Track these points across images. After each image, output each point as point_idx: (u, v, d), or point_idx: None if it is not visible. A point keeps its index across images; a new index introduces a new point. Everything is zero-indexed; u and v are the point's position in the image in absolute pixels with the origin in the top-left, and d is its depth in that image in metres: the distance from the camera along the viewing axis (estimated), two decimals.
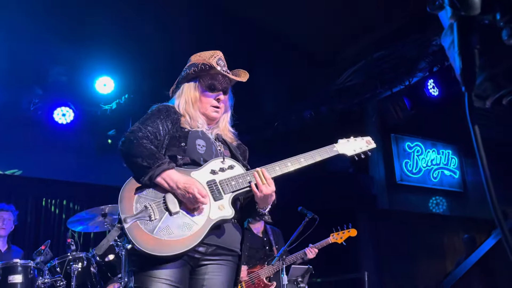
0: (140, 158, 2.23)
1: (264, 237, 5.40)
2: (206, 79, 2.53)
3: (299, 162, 2.47)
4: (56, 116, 6.94)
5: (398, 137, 11.00)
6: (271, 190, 2.35)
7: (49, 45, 5.94)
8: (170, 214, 2.21)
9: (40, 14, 5.50)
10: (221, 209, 2.28)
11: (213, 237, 2.29)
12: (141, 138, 2.29)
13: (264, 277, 5.03)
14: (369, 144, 2.73)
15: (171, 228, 2.18)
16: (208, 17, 6.01)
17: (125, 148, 2.30)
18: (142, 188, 2.26)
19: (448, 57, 0.97)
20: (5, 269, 4.34)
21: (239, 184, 2.34)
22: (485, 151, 0.84)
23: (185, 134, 2.41)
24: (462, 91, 0.88)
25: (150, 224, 2.17)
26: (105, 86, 6.85)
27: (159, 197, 2.25)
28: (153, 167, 2.20)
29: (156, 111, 2.48)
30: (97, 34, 5.91)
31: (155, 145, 2.34)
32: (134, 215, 2.18)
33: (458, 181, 11.71)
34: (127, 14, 5.80)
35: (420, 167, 11.11)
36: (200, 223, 2.23)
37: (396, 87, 7.64)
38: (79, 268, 4.48)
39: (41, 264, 4.54)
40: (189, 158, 2.37)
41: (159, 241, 2.15)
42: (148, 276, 2.17)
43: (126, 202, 2.22)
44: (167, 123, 2.42)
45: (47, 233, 7.17)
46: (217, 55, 2.53)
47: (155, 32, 5.94)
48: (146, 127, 2.35)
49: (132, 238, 2.14)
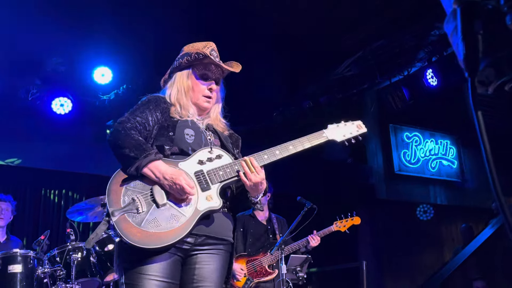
0: (128, 149, 2.21)
1: (268, 225, 5.38)
2: (199, 68, 2.52)
3: (288, 149, 2.44)
4: (54, 106, 6.93)
5: (397, 127, 11.01)
6: (260, 178, 2.33)
7: (47, 35, 5.91)
8: (157, 206, 2.20)
9: (38, 4, 5.47)
10: (209, 200, 2.27)
11: (202, 227, 2.28)
12: (129, 129, 2.27)
13: (267, 265, 5.03)
14: (359, 129, 2.66)
15: (158, 220, 2.17)
16: (205, 7, 5.98)
17: (113, 138, 2.28)
18: (130, 180, 2.25)
19: (451, 43, 0.96)
20: (5, 259, 4.34)
21: (226, 174, 2.33)
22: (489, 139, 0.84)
23: (174, 123, 2.39)
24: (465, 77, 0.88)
25: (137, 216, 2.16)
26: (103, 77, 6.83)
27: (146, 189, 2.24)
28: (140, 158, 2.19)
29: (146, 102, 2.47)
30: (95, 24, 5.88)
31: (144, 136, 2.33)
32: (121, 208, 2.16)
33: (456, 171, 11.74)
34: (125, 4, 5.77)
35: (418, 157, 11.13)
36: (188, 215, 2.22)
37: (394, 77, 7.64)
38: (78, 258, 4.49)
39: (41, 254, 4.55)
40: (177, 147, 2.36)
41: (146, 234, 2.13)
42: (138, 273, 2.16)
43: (113, 195, 2.21)
44: (157, 113, 2.41)
45: (46, 223, 7.18)
46: (210, 46, 2.52)
47: (154, 23, 5.92)
48: (135, 118, 2.34)
49: (120, 231, 2.12)
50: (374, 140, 10.60)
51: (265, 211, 5.47)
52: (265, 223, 5.40)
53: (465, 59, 0.83)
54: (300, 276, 4.85)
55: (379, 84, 7.88)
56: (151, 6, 5.86)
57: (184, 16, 5.93)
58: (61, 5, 5.67)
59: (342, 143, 2.61)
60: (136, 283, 2.16)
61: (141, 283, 2.15)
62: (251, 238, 5.27)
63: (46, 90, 6.88)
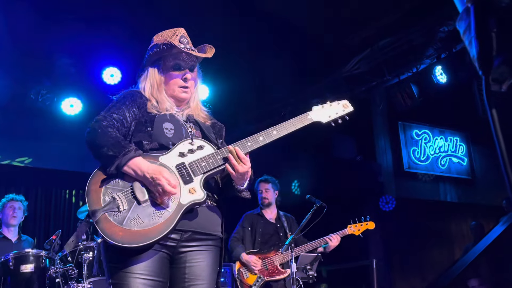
0: (106, 147, 2.14)
1: (278, 223, 5.36)
2: (169, 59, 2.42)
3: (271, 135, 2.34)
4: (64, 107, 6.98)
5: (406, 124, 10.96)
6: (247, 168, 2.26)
7: (57, 37, 5.95)
8: (138, 203, 2.13)
9: (47, 6, 5.51)
10: (192, 193, 2.19)
11: (188, 223, 2.21)
12: (106, 127, 2.20)
13: (278, 263, 5.01)
14: (345, 108, 2.55)
15: (141, 218, 2.10)
16: (214, 8, 5.99)
17: (91, 138, 2.20)
18: (109, 179, 2.18)
19: (463, 40, 0.96)
20: (17, 258, 4.39)
21: (209, 164, 2.25)
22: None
23: (151, 118, 2.31)
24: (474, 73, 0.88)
25: (119, 215, 2.09)
26: (113, 77, 6.87)
27: (126, 186, 2.17)
28: (119, 156, 2.12)
29: (122, 98, 2.39)
30: (104, 25, 5.91)
31: (123, 133, 2.26)
32: (102, 208, 2.10)
33: (466, 168, 11.67)
34: (134, 5, 5.79)
35: (428, 154, 11.08)
36: (171, 209, 2.15)
37: (403, 74, 7.59)
38: (90, 257, 4.52)
39: (52, 253, 4.58)
40: (156, 143, 2.28)
41: (129, 232, 2.07)
42: (124, 272, 2.11)
43: (93, 194, 2.15)
44: (133, 109, 2.33)
45: (57, 223, 7.24)
46: (179, 33, 2.42)
47: (162, 23, 5.92)
48: (112, 115, 2.27)
49: (102, 231, 2.07)
50: (383, 137, 10.56)
51: (273, 209, 5.44)
52: (274, 222, 5.38)
53: (479, 57, 0.83)
54: (310, 275, 4.83)
55: (387, 82, 7.83)
56: (159, 6, 5.88)
57: (193, 17, 5.94)
58: (71, 7, 5.71)
59: (328, 123, 2.51)
60: (122, 282, 2.11)
61: (127, 282, 2.10)
62: (259, 237, 5.24)
63: (56, 91, 6.94)
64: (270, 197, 5.41)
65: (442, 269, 9.93)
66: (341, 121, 2.55)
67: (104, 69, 6.86)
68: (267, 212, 5.41)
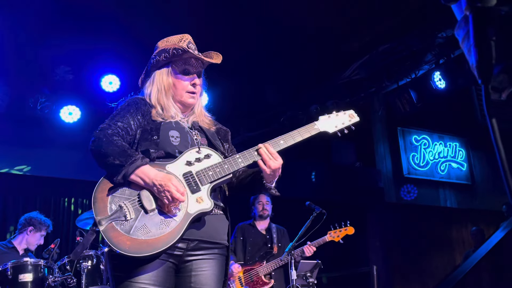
0: (112, 156, 2.12)
1: (267, 235, 5.47)
2: (179, 64, 2.42)
3: (278, 144, 2.35)
4: (63, 114, 6.96)
5: (405, 130, 10.96)
6: (280, 163, 2.28)
7: (55, 45, 5.96)
8: (146, 212, 2.12)
9: (46, 13, 5.51)
10: (200, 202, 2.18)
11: (194, 231, 2.19)
12: (111, 135, 2.18)
13: (263, 274, 5.08)
14: (352, 118, 2.58)
15: (148, 227, 2.09)
16: (212, 16, 6.00)
17: (95, 147, 2.18)
18: (116, 187, 2.16)
19: (462, 48, 0.95)
20: (16, 267, 4.36)
21: (216, 173, 2.24)
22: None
23: (157, 126, 2.29)
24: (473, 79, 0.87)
25: (126, 224, 2.08)
26: (111, 85, 6.86)
27: (133, 195, 2.15)
28: (126, 165, 2.10)
29: (125, 106, 2.37)
30: (102, 32, 5.91)
31: (128, 141, 2.25)
32: (108, 216, 2.08)
33: (465, 174, 11.66)
34: (132, 13, 5.80)
35: (427, 160, 11.07)
36: (178, 219, 2.13)
37: (402, 80, 7.60)
38: (88, 266, 4.51)
39: (51, 262, 4.56)
40: (163, 151, 2.26)
41: (136, 241, 2.05)
42: (129, 281, 2.09)
43: (99, 203, 2.12)
44: (138, 117, 2.31)
45: (56, 231, 7.20)
46: (187, 38, 2.43)
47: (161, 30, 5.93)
48: (116, 123, 2.25)
49: (109, 240, 2.05)
50: (382, 143, 10.56)
51: (266, 221, 5.56)
52: (264, 233, 5.49)
53: (478, 66, 0.82)
54: (310, 282, 4.83)
55: (386, 88, 7.84)
56: (158, 14, 5.89)
57: (192, 25, 5.94)
58: (69, 14, 5.72)
59: (334, 134, 2.53)
60: None
61: None
62: (250, 247, 5.36)
63: (55, 98, 6.92)
64: (270, 210, 5.56)
65: (443, 275, 9.90)
66: (347, 131, 2.58)
67: (102, 77, 6.85)
68: (259, 224, 5.54)
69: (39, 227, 5.21)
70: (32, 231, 5.18)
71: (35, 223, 5.19)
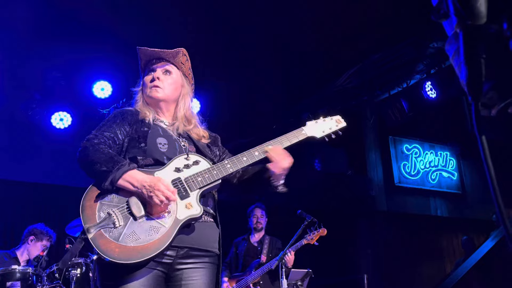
0: (98, 164, 2.12)
1: (258, 247, 5.56)
2: (144, 64, 2.54)
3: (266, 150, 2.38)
4: (54, 120, 6.93)
5: (396, 139, 11.01)
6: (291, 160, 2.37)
7: (47, 50, 5.93)
8: (135, 219, 2.10)
9: (38, 19, 5.49)
10: (189, 208, 2.17)
11: (184, 238, 2.17)
12: (97, 144, 2.19)
13: (251, 283, 5.12)
14: (339, 123, 2.63)
15: (137, 234, 2.07)
16: (206, 24, 6.00)
17: (82, 156, 2.19)
18: (104, 194, 2.14)
19: (452, 64, 0.96)
20: (4, 275, 4.32)
21: (205, 179, 2.24)
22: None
23: (144, 134, 2.31)
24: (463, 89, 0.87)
25: (115, 231, 2.06)
26: (103, 91, 6.84)
27: (122, 202, 2.13)
28: (113, 171, 2.09)
29: (112, 117, 2.40)
30: (94, 39, 5.90)
31: (115, 150, 2.26)
32: (97, 224, 2.06)
33: (456, 183, 11.72)
34: (124, 20, 5.79)
35: (418, 169, 11.12)
36: (168, 225, 2.12)
37: (394, 90, 7.65)
38: (77, 274, 4.47)
39: (40, 270, 4.52)
40: (151, 158, 2.26)
41: (125, 248, 2.03)
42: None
43: (88, 211, 2.10)
44: (124, 126, 2.34)
45: None
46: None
47: (153, 37, 5.93)
48: (103, 133, 2.27)
49: (97, 248, 2.02)
50: (374, 152, 10.59)
51: (260, 234, 5.67)
52: (256, 245, 5.60)
53: (468, 83, 0.83)
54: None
55: (378, 97, 7.89)
56: (150, 20, 5.89)
57: (184, 31, 5.95)
58: (61, 20, 5.70)
59: (322, 139, 2.58)
60: None
61: None
62: (242, 259, 5.49)
63: (46, 104, 6.89)
64: (264, 223, 5.69)
65: (433, 284, 9.91)
66: (334, 136, 2.62)
67: (94, 83, 6.82)
68: (254, 237, 5.66)
69: (40, 237, 5.19)
70: (33, 240, 5.16)
71: (37, 233, 5.18)
